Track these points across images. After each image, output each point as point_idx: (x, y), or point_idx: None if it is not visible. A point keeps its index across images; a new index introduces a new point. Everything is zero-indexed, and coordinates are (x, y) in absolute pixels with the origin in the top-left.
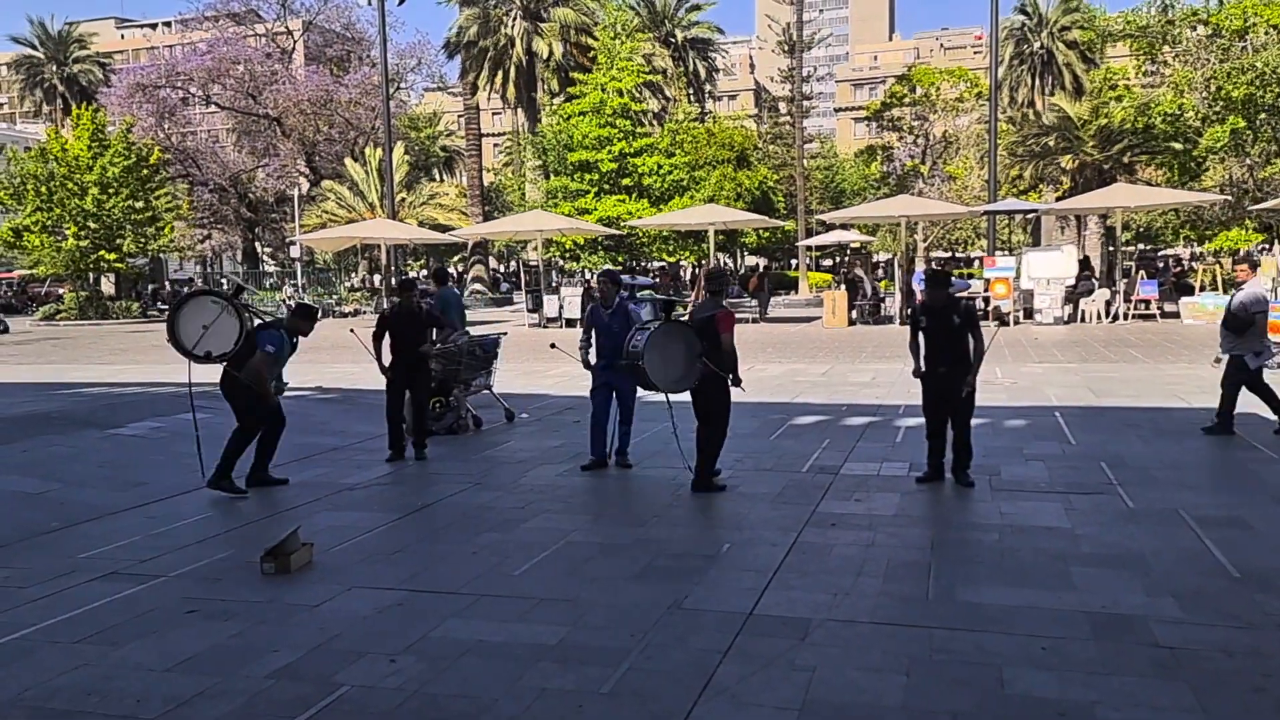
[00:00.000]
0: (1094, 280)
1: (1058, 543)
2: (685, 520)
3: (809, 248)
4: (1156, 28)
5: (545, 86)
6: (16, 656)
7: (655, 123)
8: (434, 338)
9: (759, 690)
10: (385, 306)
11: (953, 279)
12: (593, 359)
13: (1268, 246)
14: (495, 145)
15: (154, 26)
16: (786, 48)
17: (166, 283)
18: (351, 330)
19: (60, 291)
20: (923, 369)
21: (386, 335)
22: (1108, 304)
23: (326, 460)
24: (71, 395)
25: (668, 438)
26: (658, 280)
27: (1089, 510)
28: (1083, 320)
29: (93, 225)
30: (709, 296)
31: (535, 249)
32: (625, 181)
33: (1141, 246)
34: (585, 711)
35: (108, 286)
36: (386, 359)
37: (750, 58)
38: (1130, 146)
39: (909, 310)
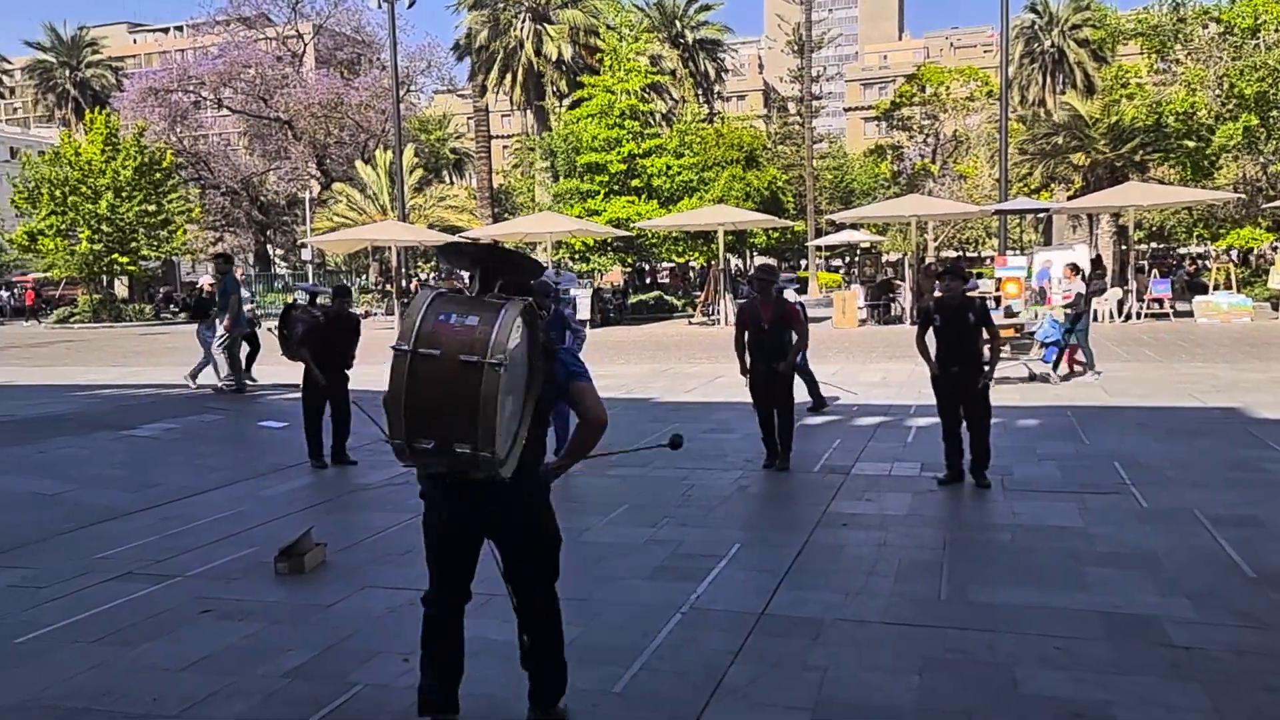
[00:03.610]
0: (1106, 279)
1: (1071, 542)
2: (695, 520)
3: (819, 248)
4: (1168, 26)
5: (554, 88)
6: (35, 655)
7: (664, 124)
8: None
9: (770, 690)
10: (307, 313)
11: (970, 275)
12: None
13: (1278, 245)
14: (505, 147)
15: (165, 31)
16: (796, 48)
17: (179, 285)
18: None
19: (75, 295)
20: (937, 370)
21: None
22: (1120, 303)
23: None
24: (86, 397)
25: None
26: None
27: (1102, 510)
28: (1095, 319)
29: (106, 229)
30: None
31: (545, 250)
32: (634, 183)
33: (1154, 245)
34: (598, 711)
35: (121, 289)
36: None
37: (759, 58)
38: (1142, 145)
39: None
